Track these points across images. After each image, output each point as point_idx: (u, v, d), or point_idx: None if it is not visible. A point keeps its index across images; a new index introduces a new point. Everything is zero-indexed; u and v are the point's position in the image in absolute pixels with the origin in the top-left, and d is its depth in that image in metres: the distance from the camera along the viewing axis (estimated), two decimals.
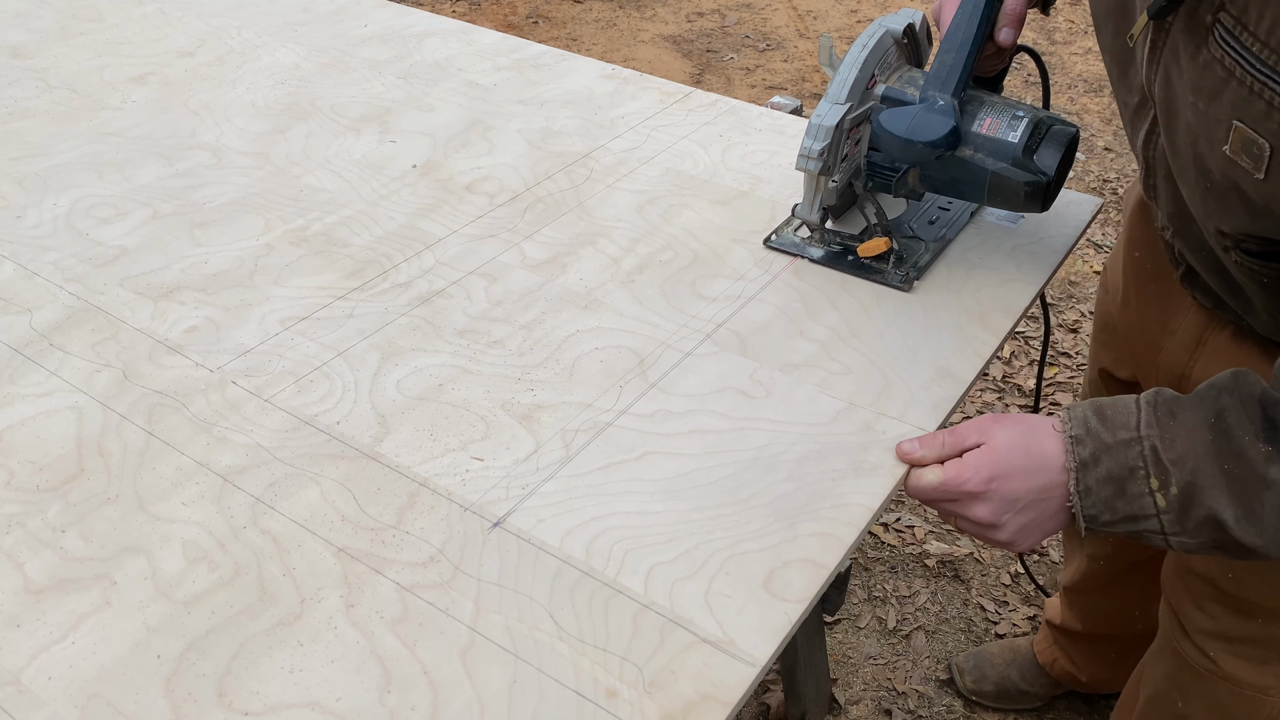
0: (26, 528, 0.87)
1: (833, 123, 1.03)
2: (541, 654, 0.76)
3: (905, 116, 1.03)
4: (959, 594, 1.95)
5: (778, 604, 0.79)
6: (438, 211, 1.26)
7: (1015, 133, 1.01)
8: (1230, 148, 0.79)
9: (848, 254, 1.15)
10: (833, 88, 1.05)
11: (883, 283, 1.11)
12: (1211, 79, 0.78)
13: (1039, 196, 1.03)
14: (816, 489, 0.88)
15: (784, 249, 1.18)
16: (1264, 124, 0.75)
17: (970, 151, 1.03)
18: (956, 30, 1.03)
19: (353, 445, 0.94)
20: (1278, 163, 0.75)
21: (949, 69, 1.02)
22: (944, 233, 1.19)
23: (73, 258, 1.19)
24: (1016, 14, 1.06)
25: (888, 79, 1.09)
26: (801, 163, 1.06)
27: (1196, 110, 0.81)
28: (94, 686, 0.75)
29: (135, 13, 1.78)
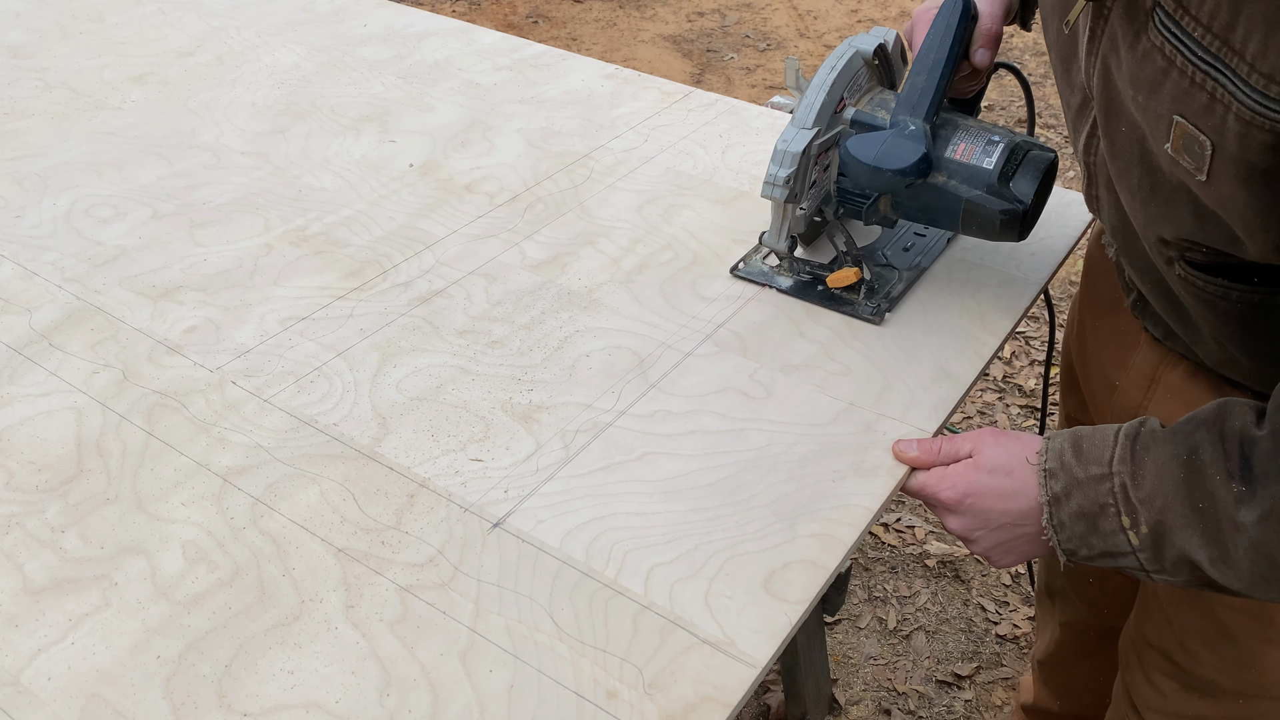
0: (26, 528, 0.87)
1: (799, 148, 0.99)
2: (541, 655, 0.76)
3: (874, 143, 0.97)
4: (959, 594, 1.94)
5: (778, 605, 0.79)
6: (437, 211, 1.26)
7: (990, 159, 0.97)
8: (1171, 145, 0.73)
9: (818, 283, 1.10)
10: (799, 112, 1.01)
11: (853, 314, 1.07)
12: (1151, 69, 0.72)
13: (1015, 225, 0.98)
14: (817, 490, 0.88)
15: (751, 278, 1.14)
16: (1205, 119, 0.69)
17: (943, 178, 0.98)
18: (928, 51, 0.99)
19: (352, 446, 0.94)
20: (1220, 163, 0.70)
21: (920, 92, 0.97)
22: (919, 260, 1.15)
23: (72, 258, 1.19)
24: (992, 34, 1.02)
25: (858, 101, 1.05)
26: (767, 190, 1.02)
27: (1136, 104, 0.75)
28: (93, 687, 0.75)
29: (135, 12, 1.78)
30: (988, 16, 1.02)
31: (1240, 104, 0.66)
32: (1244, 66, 0.65)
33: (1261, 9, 0.63)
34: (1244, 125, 0.66)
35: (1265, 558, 0.72)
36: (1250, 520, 0.72)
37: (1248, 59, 0.64)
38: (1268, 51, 0.63)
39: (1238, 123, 0.66)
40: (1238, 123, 0.66)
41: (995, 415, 2.27)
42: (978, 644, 1.86)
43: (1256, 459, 0.73)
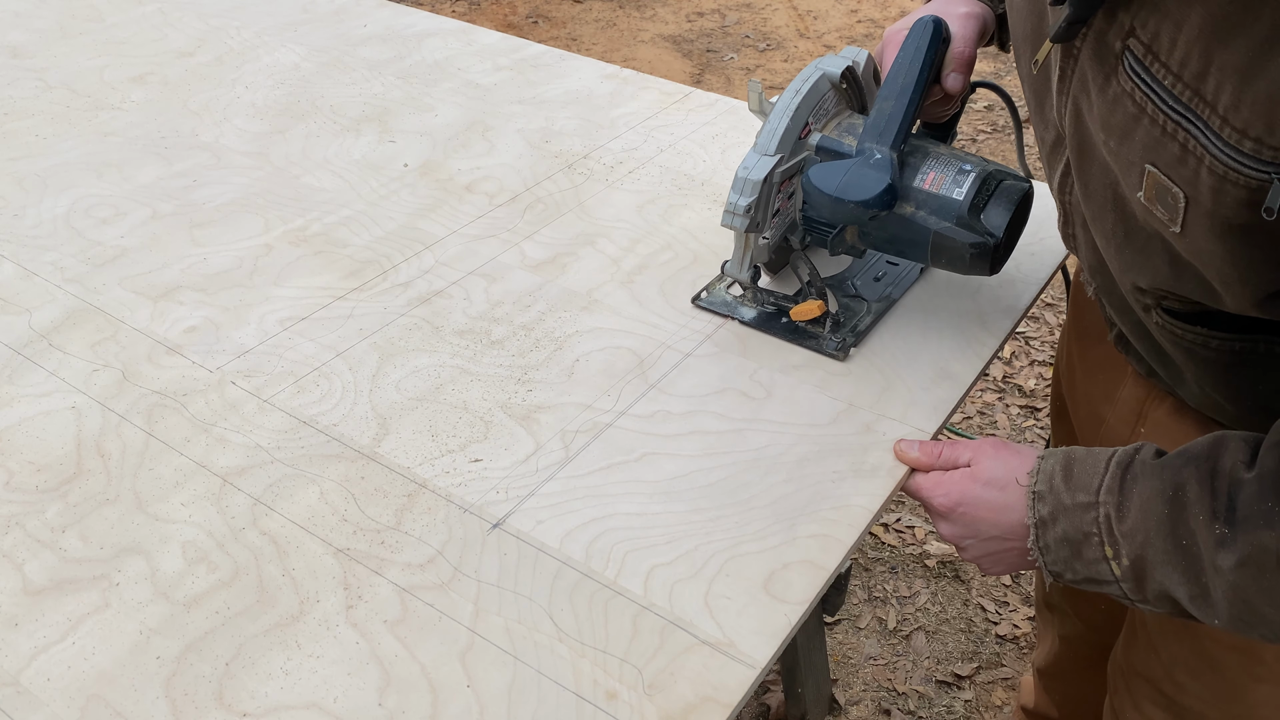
0: (25, 528, 0.87)
1: (760, 176, 0.95)
2: (541, 656, 0.76)
3: (837, 172, 0.93)
4: (959, 594, 1.94)
5: (778, 606, 0.79)
6: (437, 212, 1.26)
7: (960, 189, 0.92)
8: (1144, 195, 0.69)
9: (782, 315, 1.06)
10: (761, 138, 0.97)
11: (817, 350, 1.02)
12: (1122, 115, 0.69)
13: (986, 259, 0.93)
14: (816, 490, 0.88)
15: (713, 309, 1.09)
16: (1178, 170, 0.65)
17: (911, 208, 0.94)
18: (896, 75, 0.94)
19: (352, 446, 0.94)
20: (1194, 215, 0.66)
21: (888, 119, 0.93)
22: (889, 291, 1.10)
23: (72, 258, 1.19)
24: (965, 57, 0.98)
25: (824, 126, 1.00)
26: (727, 219, 0.98)
27: (1109, 149, 0.72)
28: (93, 687, 0.75)
29: (135, 13, 1.78)
30: (960, 39, 0.98)
31: (1213, 158, 0.62)
32: (1216, 119, 0.61)
33: (1233, 60, 0.60)
34: (1217, 180, 0.63)
35: (1243, 602, 0.71)
36: (1228, 565, 0.70)
37: (1220, 111, 0.61)
38: (1240, 105, 0.60)
39: (1211, 176, 0.63)
40: (1211, 176, 0.63)
41: (995, 415, 2.27)
42: (978, 644, 1.86)
43: (1241, 501, 0.70)
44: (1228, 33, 0.59)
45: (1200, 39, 0.61)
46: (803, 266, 1.04)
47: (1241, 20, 0.59)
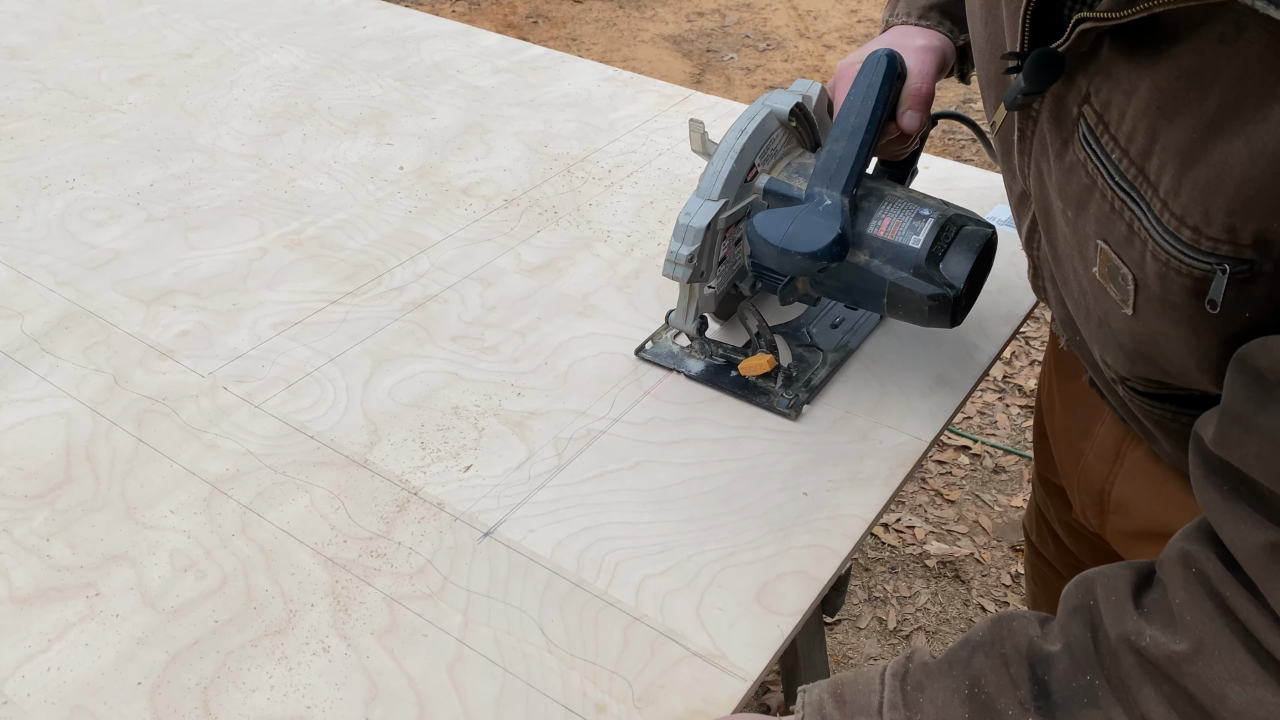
0: (12, 535, 0.86)
1: (702, 224, 0.89)
2: (530, 667, 0.75)
3: (783, 220, 0.86)
4: (959, 594, 1.94)
5: (771, 617, 0.78)
6: (433, 215, 1.26)
7: (918, 235, 0.86)
8: (1099, 271, 0.65)
9: (731, 367, 0.99)
10: (704, 181, 0.91)
11: (767, 407, 0.96)
12: (1077, 186, 0.64)
13: (946, 312, 0.87)
14: (811, 499, 0.87)
15: (658, 361, 1.01)
16: (1126, 250, 0.61)
17: (865, 257, 0.88)
18: (848, 114, 0.88)
19: (343, 453, 0.93)
20: (1144, 299, 0.62)
21: (839, 161, 0.87)
22: (847, 340, 1.03)
23: (65, 261, 1.19)
24: (922, 94, 0.92)
25: (773, 167, 0.94)
26: (668, 269, 0.92)
27: (1066, 219, 0.68)
28: (77, 698, 0.74)
29: (134, 14, 1.78)
30: (917, 75, 0.92)
31: (1155, 243, 0.58)
32: (1157, 202, 0.58)
33: (1176, 140, 0.56)
34: (1161, 266, 0.59)
35: None
36: None
37: (1160, 194, 0.57)
38: (1180, 190, 0.56)
39: (1155, 262, 0.59)
40: (1155, 262, 0.59)
41: (995, 415, 2.26)
42: None
43: (1055, 681, 0.62)
44: (1174, 110, 0.56)
45: (1147, 114, 0.57)
46: (751, 318, 0.98)
47: (1187, 98, 0.55)
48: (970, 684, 0.64)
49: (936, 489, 2.12)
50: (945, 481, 2.13)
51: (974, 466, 2.15)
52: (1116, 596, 0.62)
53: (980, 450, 2.18)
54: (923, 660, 0.68)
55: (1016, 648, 0.64)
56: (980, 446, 2.18)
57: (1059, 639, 0.63)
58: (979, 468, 2.15)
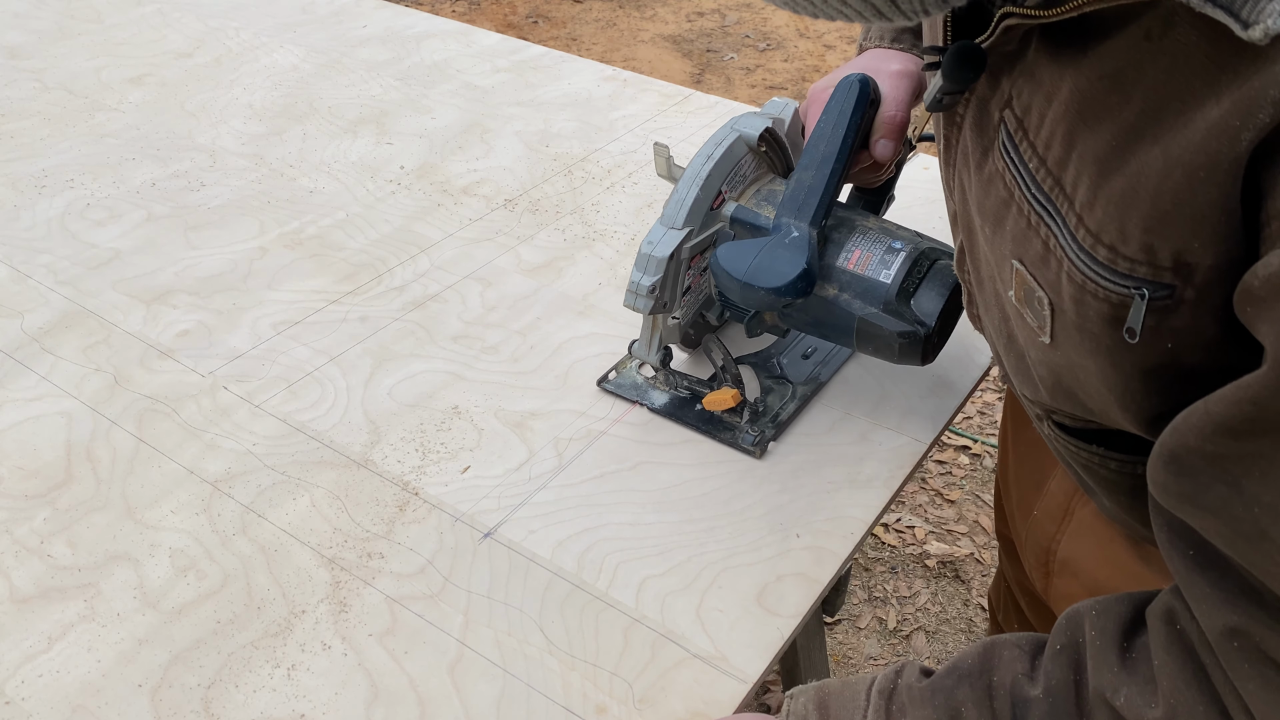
0: (13, 535, 0.86)
1: (665, 253, 0.85)
2: (531, 668, 0.75)
3: (748, 253, 0.82)
4: (959, 594, 1.94)
5: (771, 619, 0.78)
6: (434, 215, 1.26)
7: (889, 270, 0.83)
8: (1015, 295, 0.60)
9: (697, 400, 0.95)
10: (668, 208, 0.87)
11: (732, 444, 0.92)
12: (995, 200, 0.60)
13: (916, 350, 0.84)
14: (811, 501, 0.87)
15: (621, 393, 0.98)
16: (1042, 271, 0.57)
17: (834, 290, 0.84)
18: (818, 143, 0.84)
19: (343, 453, 0.93)
20: (1062, 326, 0.57)
21: (807, 191, 0.83)
22: (818, 372, 0.99)
23: (66, 260, 1.19)
24: (896, 122, 0.87)
25: (741, 194, 0.90)
26: (629, 300, 0.88)
27: (984, 237, 0.63)
28: (78, 698, 0.74)
29: (134, 13, 1.77)
30: (891, 101, 0.87)
31: (1070, 263, 0.54)
32: (1072, 216, 0.53)
33: (1094, 147, 0.51)
34: (1077, 289, 0.54)
35: None
36: None
37: (1076, 207, 0.53)
38: (1095, 202, 0.51)
39: (1071, 284, 0.54)
40: (1071, 284, 0.54)
41: (995, 415, 2.26)
42: None
43: None
44: (1093, 114, 0.51)
45: (1066, 118, 0.53)
46: (716, 351, 0.95)
47: (1108, 101, 0.51)
48: (950, 715, 0.63)
49: (936, 489, 2.12)
50: (945, 481, 2.13)
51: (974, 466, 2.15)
52: (1103, 640, 0.58)
53: (980, 450, 2.18)
54: (910, 681, 0.66)
55: (1001, 683, 0.62)
56: (980, 446, 2.18)
57: (1041, 681, 0.61)
58: (979, 468, 2.15)
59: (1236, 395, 0.46)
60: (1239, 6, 0.42)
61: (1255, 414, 0.45)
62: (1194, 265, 0.48)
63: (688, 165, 0.88)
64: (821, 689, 0.68)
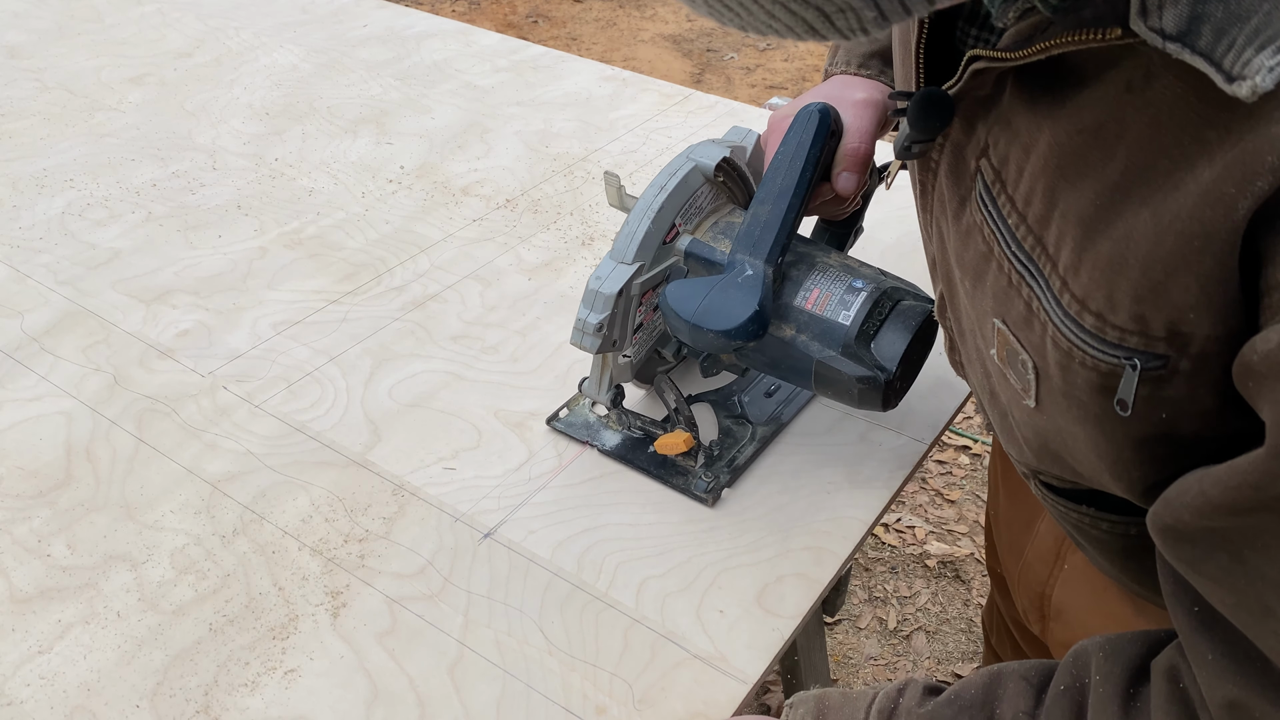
0: (13, 535, 0.86)
1: (613, 290, 0.81)
2: (530, 669, 0.75)
3: (698, 292, 0.76)
4: (960, 594, 1.94)
5: (771, 619, 0.78)
6: (433, 215, 1.25)
7: (849, 311, 0.78)
8: (997, 354, 0.57)
9: (651, 441, 0.91)
10: (618, 242, 0.83)
11: (684, 490, 0.87)
12: (974, 253, 0.56)
13: (877, 395, 0.79)
14: (811, 501, 0.87)
15: (571, 433, 0.93)
16: (1025, 333, 0.53)
17: (791, 331, 0.80)
18: (775, 176, 0.79)
19: (343, 453, 0.93)
20: (1047, 391, 0.54)
21: (763, 227, 0.78)
22: (780, 412, 0.94)
23: (66, 260, 1.18)
24: (859, 155, 0.81)
25: (697, 227, 0.86)
26: (576, 338, 0.83)
27: (964, 290, 0.60)
28: (78, 699, 0.74)
29: (134, 13, 1.77)
30: (855, 133, 0.82)
31: (1055, 327, 0.50)
32: (1056, 279, 0.50)
33: (1077, 206, 0.48)
34: (1063, 355, 0.51)
35: None
36: None
37: (1060, 270, 0.49)
38: (1080, 266, 0.48)
39: (1056, 350, 0.51)
40: (1056, 350, 0.51)
41: None
42: (978, 644, 1.85)
43: None
44: (1075, 170, 0.48)
45: (1045, 172, 0.49)
46: (668, 391, 0.91)
47: (1090, 156, 0.47)
48: None
49: (936, 489, 2.12)
50: (945, 481, 2.13)
51: (974, 466, 2.15)
52: (1107, 688, 0.56)
53: (980, 450, 2.18)
54: (910, 705, 0.63)
55: (1002, 717, 0.59)
56: (980, 446, 2.18)
57: None
58: (979, 468, 2.14)
59: (1234, 480, 0.43)
60: (1220, 55, 0.39)
61: (1256, 497, 0.42)
62: (1189, 335, 0.45)
63: (640, 196, 0.83)
64: (821, 701, 0.67)
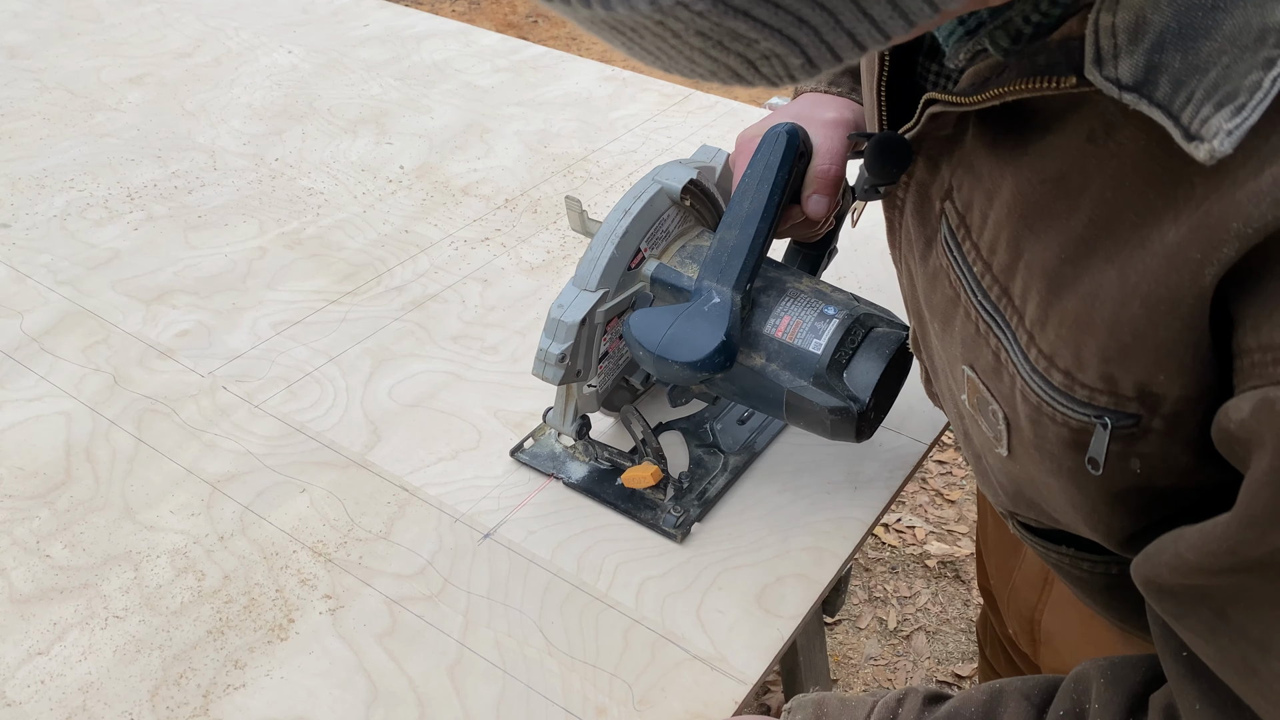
0: (13, 535, 0.86)
1: (576, 319, 0.78)
2: (530, 670, 0.75)
3: (662, 322, 0.73)
4: (960, 594, 1.93)
5: (771, 620, 0.78)
6: (433, 215, 1.25)
7: (820, 339, 0.75)
8: (968, 399, 0.55)
9: (619, 472, 0.87)
10: (581, 268, 0.79)
11: (651, 525, 0.84)
12: (942, 297, 0.55)
13: (850, 426, 0.76)
14: (811, 501, 0.87)
15: (535, 465, 0.90)
16: (995, 383, 0.51)
17: (761, 360, 0.77)
18: (741, 199, 0.76)
19: (343, 453, 0.93)
20: (1019, 441, 0.52)
21: (730, 253, 0.74)
22: (754, 439, 0.91)
23: (65, 260, 1.18)
24: (829, 177, 0.78)
25: (664, 251, 0.82)
26: (538, 368, 0.80)
27: (935, 332, 0.58)
28: (77, 699, 0.74)
29: (133, 13, 1.77)
30: (825, 154, 0.78)
31: (1024, 381, 0.49)
32: (1023, 333, 0.48)
33: (1041, 258, 0.46)
34: (1033, 410, 0.49)
35: None
36: None
37: (1027, 323, 0.48)
38: (1047, 322, 0.46)
39: (1026, 404, 0.50)
40: (1026, 404, 0.50)
41: None
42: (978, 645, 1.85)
43: None
44: (1039, 222, 0.46)
45: (1009, 221, 0.48)
46: (635, 423, 0.87)
47: (1054, 208, 0.45)
48: None
49: (937, 489, 2.12)
50: (945, 481, 2.13)
51: None
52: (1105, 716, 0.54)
53: None
54: (909, 718, 0.62)
55: None
56: None
57: None
58: None
59: (1208, 545, 0.42)
60: (1179, 108, 0.38)
61: (1232, 561, 0.41)
62: (1161, 396, 0.44)
63: (605, 219, 0.80)
64: (820, 707, 0.67)
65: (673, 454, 0.91)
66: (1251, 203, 0.37)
